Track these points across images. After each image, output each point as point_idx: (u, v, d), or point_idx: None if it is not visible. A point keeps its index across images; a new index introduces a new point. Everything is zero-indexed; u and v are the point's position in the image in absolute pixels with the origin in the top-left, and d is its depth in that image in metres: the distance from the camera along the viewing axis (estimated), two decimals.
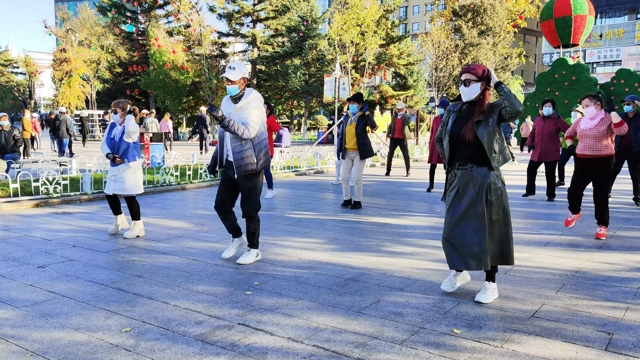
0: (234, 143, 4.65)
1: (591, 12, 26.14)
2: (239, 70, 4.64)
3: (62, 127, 16.41)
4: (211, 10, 37.64)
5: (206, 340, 3.16)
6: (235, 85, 4.65)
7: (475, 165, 3.78)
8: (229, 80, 4.62)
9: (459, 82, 3.86)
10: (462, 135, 3.79)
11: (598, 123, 5.93)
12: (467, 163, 3.81)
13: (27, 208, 7.89)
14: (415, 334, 3.26)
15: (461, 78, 3.82)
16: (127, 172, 5.96)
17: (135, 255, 5.18)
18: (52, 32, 37.58)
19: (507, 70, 40.64)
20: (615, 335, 3.26)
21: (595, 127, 5.93)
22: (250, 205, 4.81)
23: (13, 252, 5.27)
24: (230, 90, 4.67)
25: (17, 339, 3.17)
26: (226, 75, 4.59)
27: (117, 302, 3.82)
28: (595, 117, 5.98)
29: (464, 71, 3.81)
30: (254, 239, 4.95)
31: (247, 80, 4.77)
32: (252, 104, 4.67)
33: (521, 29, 50.35)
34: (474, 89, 3.77)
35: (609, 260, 5.04)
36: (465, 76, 3.78)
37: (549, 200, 8.81)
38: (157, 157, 13.56)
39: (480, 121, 3.74)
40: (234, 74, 4.61)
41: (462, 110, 3.91)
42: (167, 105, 36.33)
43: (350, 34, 25.88)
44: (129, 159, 5.97)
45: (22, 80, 55.33)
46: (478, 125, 3.74)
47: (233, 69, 4.62)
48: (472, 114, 3.81)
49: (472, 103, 3.85)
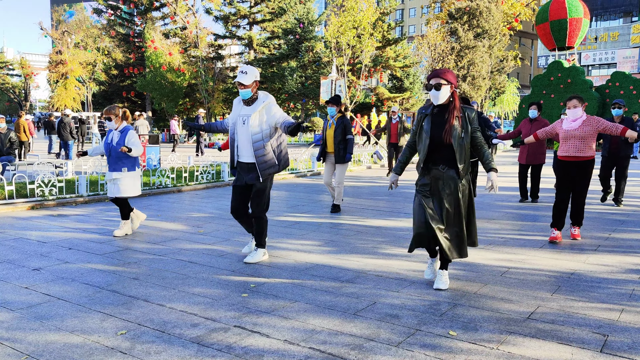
0: (257, 146, 4.73)
1: (586, 15, 26.26)
2: (251, 74, 4.69)
3: (66, 130, 16.34)
4: (207, 12, 37.63)
5: (202, 343, 3.16)
6: (249, 89, 4.71)
7: (447, 167, 4.00)
8: (242, 85, 4.67)
9: (429, 86, 3.99)
10: (443, 139, 3.96)
11: (582, 124, 5.77)
12: (439, 164, 4.02)
13: (23, 210, 7.86)
14: (411, 336, 3.27)
15: (430, 82, 3.95)
16: (126, 178, 6.02)
17: (131, 257, 5.17)
18: (48, 34, 37.51)
19: (502, 72, 40.76)
20: (611, 337, 3.27)
21: (580, 128, 5.77)
22: (259, 206, 4.88)
23: (8, 254, 5.25)
24: (243, 94, 4.73)
25: (12, 342, 3.16)
26: (239, 80, 4.64)
27: (113, 305, 3.81)
28: (577, 119, 5.82)
29: (432, 76, 3.95)
30: (262, 239, 5.03)
31: (258, 83, 4.84)
32: (273, 108, 4.78)
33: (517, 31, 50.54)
34: (444, 92, 3.94)
35: (604, 262, 5.06)
36: (435, 80, 3.93)
37: (533, 201, 8.95)
38: (153, 159, 13.53)
39: (454, 126, 3.95)
40: (246, 78, 4.66)
41: (434, 114, 4.05)
42: (164, 107, 36.28)
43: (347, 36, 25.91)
44: (128, 168, 6.02)
45: (17, 82, 55.17)
46: (452, 129, 3.93)
47: (245, 73, 4.67)
48: (447, 117, 3.98)
49: (444, 106, 4.02)
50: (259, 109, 4.74)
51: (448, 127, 3.93)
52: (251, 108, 4.79)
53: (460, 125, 3.96)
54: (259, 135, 4.73)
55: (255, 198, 4.87)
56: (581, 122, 5.80)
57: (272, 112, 4.76)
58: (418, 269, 4.78)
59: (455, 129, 3.93)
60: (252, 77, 4.69)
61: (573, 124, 5.83)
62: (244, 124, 4.80)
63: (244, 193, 4.95)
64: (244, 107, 4.84)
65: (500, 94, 44.95)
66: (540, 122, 8.58)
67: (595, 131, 5.76)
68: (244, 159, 4.85)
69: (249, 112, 4.78)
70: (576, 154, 5.80)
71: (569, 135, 5.84)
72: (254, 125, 4.73)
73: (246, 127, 4.77)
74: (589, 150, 5.80)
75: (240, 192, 4.95)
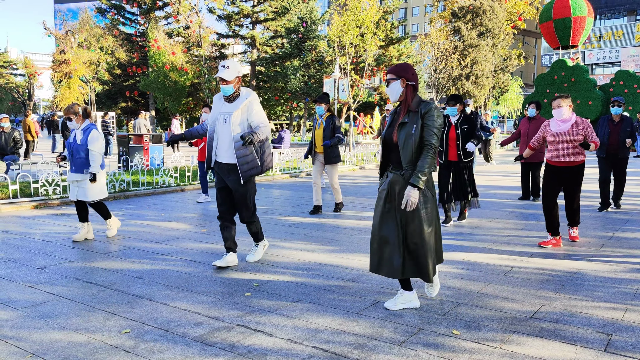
0: (237, 147, 4.46)
1: (590, 13, 26.17)
2: (233, 69, 4.42)
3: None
4: (210, 11, 37.67)
5: (206, 342, 3.16)
6: (231, 85, 4.46)
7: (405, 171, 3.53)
8: (223, 80, 4.43)
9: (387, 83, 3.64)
10: (392, 138, 3.59)
11: (571, 127, 5.45)
12: (399, 168, 3.57)
13: (27, 209, 7.89)
14: (415, 335, 3.26)
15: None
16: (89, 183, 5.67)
17: (134, 256, 5.18)
18: (52, 34, 37.59)
19: (506, 71, 40.67)
20: (615, 336, 3.26)
21: (570, 131, 5.44)
22: (247, 210, 4.69)
23: (12, 253, 5.27)
24: (225, 90, 4.47)
25: (17, 340, 3.17)
26: (220, 75, 4.38)
27: (117, 304, 3.82)
28: (567, 121, 5.50)
29: (387, 72, 3.63)
30: (258, 235, 4.96)
31: (241, 79, 4.57)
32: (255, 107, 4.52)
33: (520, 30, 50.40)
34: (395, 88, 3.57)
35: (608, 261, 5.05)
36: (387, 76, 3.61)
37: (534, 200, 8.93)
38: (156, 159, 13.56)
39: (404, 123, 3.52)
40: (228, 73, 4.40)
41: (396, 112, 3.69)
42: (167, 106, 36.34)
43: (350, 35, 25.88)
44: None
45: (21, 81, 55.33)
46: (402, 127, 3.53)
47: (227, 67, 4.40)
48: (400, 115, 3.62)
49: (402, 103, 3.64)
50: (240, 106, 4.46)
51: (394, 125, 3.59)
52: (233, 105, 4.52)
53: (412, 123, 3.50)
54: (240, 134, 4.42)
55: (240, 205, 4.65)
56: (570, 125, 5.47)
57: (253, 110, 4.49)
58: None
59: (404, 128, 3.51)
60: (234, 73, 4.42)
61: (562, 126, 5.51)
62: (225, 122, 4.51)
63: (229, 195, 4.70)
64: (225, 105, 4.56)
65: (503, 92, 44.84)
66: (539, 120, 8.54)
67: (583, 134, 5.44)
68: (224, 159, 4.56)
69: (230, 109, 4.51)
70: (566, 158, 5.50)
71: (557, 139, 5.51)
72: (235, 124, 4.46)
73: (227, 126, 4.49)
74: (580, 154, 5.50)
75: (225, 195, 4.68)
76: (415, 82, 3.58)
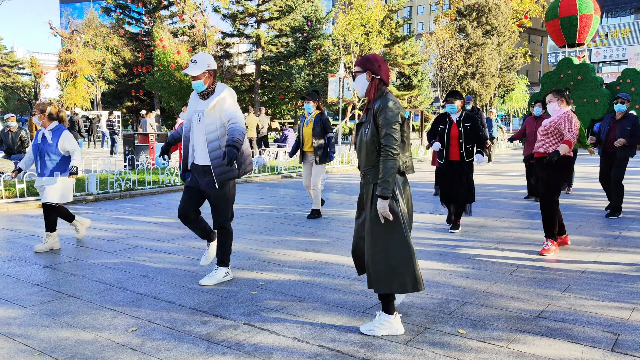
0: (212, 147, 4.07)
1: (597, 11, 26.02)
2: (202, 63, 4.05)
3: (75, 128, 16.46)
4: (215, 10, 37.71)
5: (212, 340, 3.17)
6: (200, 81, 4.07)
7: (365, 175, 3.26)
8: (192, 76, 4.06)
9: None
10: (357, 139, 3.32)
11: (552, 120, 5.27)
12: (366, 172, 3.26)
13: (33, 208, 7.93)
14: (421, 334, 3.26)
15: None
16: (56, 183, 5.31)
17: (141, 255, 5.20)
18: (57, 33, 37.78)
19: (512, 69, 40.55)
20: (622, 335, 3.25)
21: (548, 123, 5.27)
22: (221, 215, 4.20)
23: (20, 252, 5.30)
24: (195, 86, 4.11)
25: (25, 338, 3.20)
26: (187, 72, 4.00)
27: (123, 302, 3.84)
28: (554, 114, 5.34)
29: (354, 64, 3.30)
30: (224, 254, 4.30)
31: (213, 73, 4.16)
32: (227, 100, 4.12)
33: (526, 28, 50.20)
34: (361, 81, 3.22)
35: (614, 260, 5.02)
36: (354, 69, 3.28)
37: (536, 199, 8.89)
38: (161, 158, 13.60)
39: (361, 123, 3.26)
40: (196, 68, 4.03)
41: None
42: (172, 105, 36.45)
43: (355, 34, 25.85)
44: (61, 172, 5.34)
45: (27, 81, 55.61)
46: (359, 128, 3.26)
47: (195, 62, 4.05)
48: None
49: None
50: (212, 103, 4.08)
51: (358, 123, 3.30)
52: (206, 103, 4.15)
53: (367, 122, 3.19)
54: (214, 134, 4.08)
55: (215, 207, 4.19)
56: (555, 116, 5.26)
57: (225, 105, 4.08)
58: (427, 267, 4.77)
59: (360, 128, 3.23)
60: (202, 67, 4.03)
61: (548, 120, 5.35)
62: (199, 121, 4.17)
63: (196, 196, 4.24)
64: (200, 102, 4.20)
65: (509, 91, 44.70)
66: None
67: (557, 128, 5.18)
68: (200, 160, 4.19)
69: (203, 107, 4.15)
70: (537, 149, 5.31)
71: (537, 131, 5.35)
72: (208, 123, 4.09)
73: (201, 125, 4.14)
74: (549, 147, 5.22)
75: (192, 195, 4.23)
76: (383, 75, 3.21)
